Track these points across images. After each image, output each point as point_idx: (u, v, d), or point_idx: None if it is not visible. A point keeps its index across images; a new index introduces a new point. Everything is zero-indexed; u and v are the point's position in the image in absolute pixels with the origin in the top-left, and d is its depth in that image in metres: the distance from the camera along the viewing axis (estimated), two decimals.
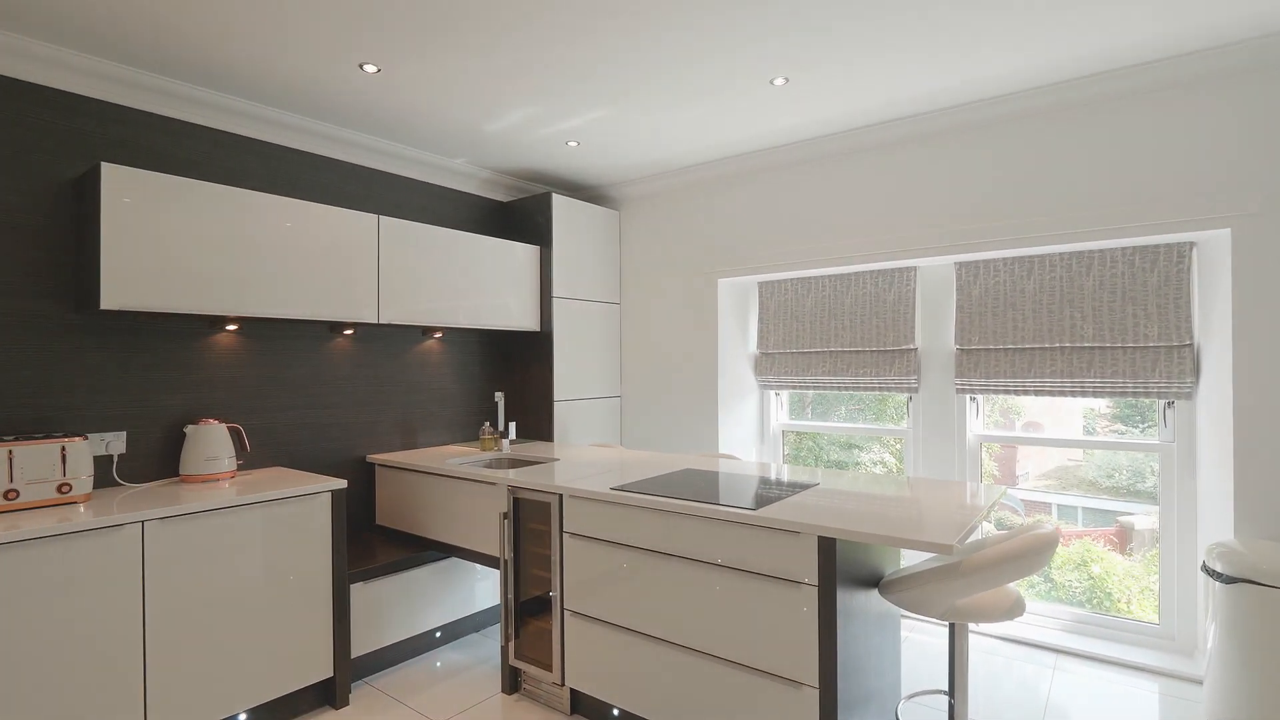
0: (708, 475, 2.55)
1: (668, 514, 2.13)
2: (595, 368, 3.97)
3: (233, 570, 2.25)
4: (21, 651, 1.83)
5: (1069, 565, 3.23)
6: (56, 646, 1.88)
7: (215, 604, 2.21)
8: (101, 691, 1.96)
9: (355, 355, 3.24)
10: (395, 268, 3.05)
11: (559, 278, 3.74)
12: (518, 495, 2.57)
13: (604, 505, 2.29)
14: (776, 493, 2.22)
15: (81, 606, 1.93)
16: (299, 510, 2.43)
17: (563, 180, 3.99)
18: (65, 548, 1.90)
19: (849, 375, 3.51)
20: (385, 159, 3.34)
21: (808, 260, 3.39)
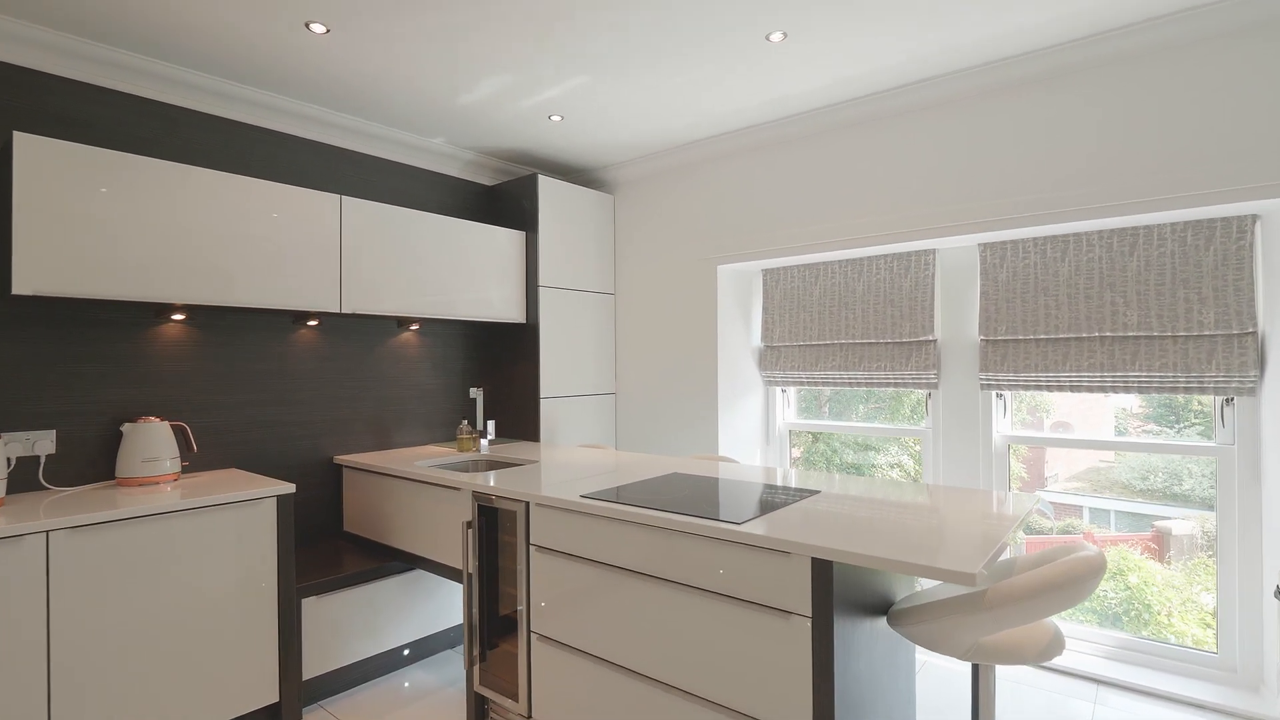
0: (697, 481, 2.26)
1: (640, 526, 1.84)
2: (587, 362, 3.70)
3: (159, 586, 2.01)
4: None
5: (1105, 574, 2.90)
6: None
7: (137, 625, 1.97)
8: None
9: (322, 348, 3.00)
10: (361, 253, 2.80)
11: (546, 266, 3.47)
12: (484, 502, 2.30)
13: (572, 515, 2.01)
14: (771, 503, 1.92)
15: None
16: (240, 518, 2.19)
17: (552, 162, 3.72)
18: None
19: (861, 370, 3.19)
20: (359, 138, 3.10)
21: (815, 243, 3.08)
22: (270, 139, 2.85)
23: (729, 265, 3.39)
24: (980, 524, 1.67)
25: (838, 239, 3.00)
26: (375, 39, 2.32)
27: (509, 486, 2.21)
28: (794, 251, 3.13)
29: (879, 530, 1.61)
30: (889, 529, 1.62)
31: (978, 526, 1.65)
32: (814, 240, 3.08)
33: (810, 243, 3.09)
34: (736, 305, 3.53)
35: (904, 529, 1.62)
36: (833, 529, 1.62)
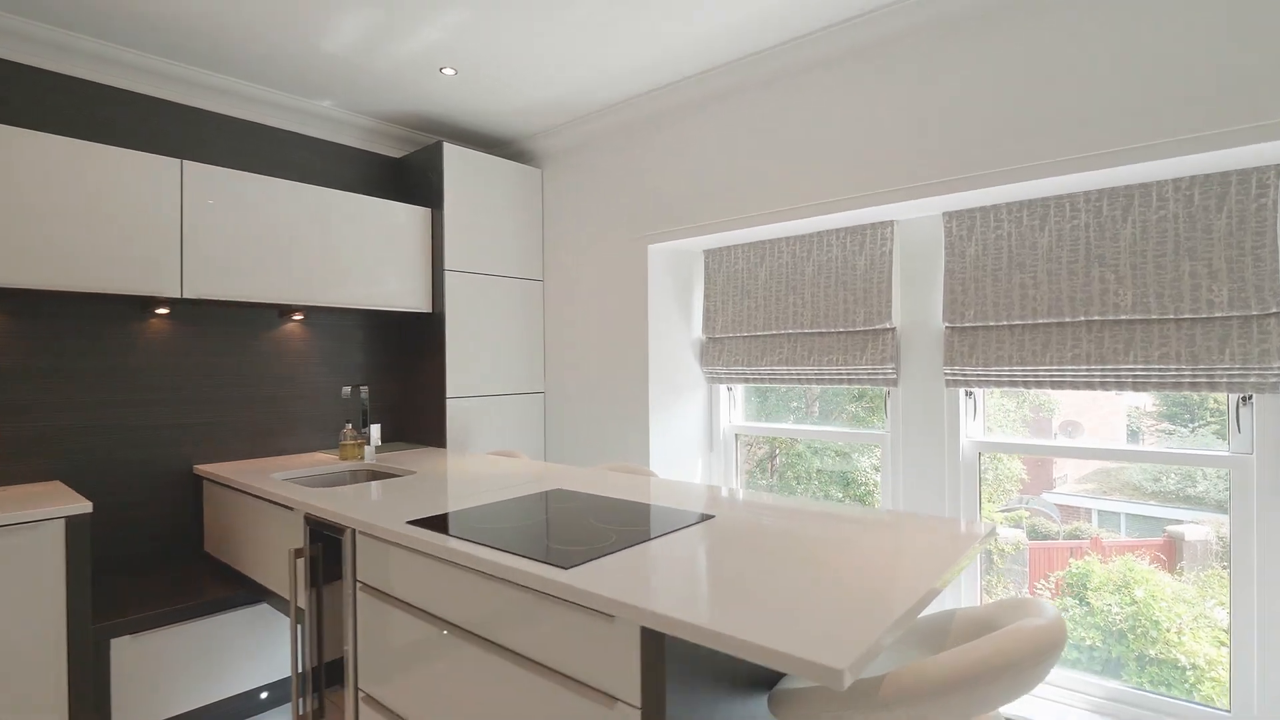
0: (572, 502, 1.82)
1: (459, 569, 1.41)
2: (509, 358, 3.27)
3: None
4: None
5: (1109, 586, 2.44)
6: None
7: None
8: None
9: (180, 341, 2.60)
10: (209, 229, 2.39)
11: (455, 247, 3.04)
12: (318, 526, 1.88)
13: (393, 548, 1.59)
14: (635, 535, 1.48)
15: None
16: (13, 546, 1.78)
17: (469, 131, 3.29)
18: None
19: (811, 364, 2.73)
20: (231, 101, 2.69)
21: (756, 215, 2.62)
22: (109, 97, 2.44)
23: (662, 245, 2.94)
24: (898, 574, 1.22)
25: (781, 208, 2.54)
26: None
27: (339, 508, 1.78)
28: (732, 225, 2.68)
29: (748, 585, 1.16)
30: (763, 583, 1.18)
31: (892, 579, 1.20)
32: (755, 211, 2.62)
33: (751, 214, 2.63)
34: (674, 292, 3.08)
35: (783, 584, 1.18)
36: (685, 581, 1.18)
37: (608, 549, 1.37)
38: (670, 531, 1.51)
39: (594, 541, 1.42)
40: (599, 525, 1.56)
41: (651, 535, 1.47)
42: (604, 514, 1.67)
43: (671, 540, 1.44)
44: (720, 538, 1.46)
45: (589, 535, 1.47)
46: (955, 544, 1.40)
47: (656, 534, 1.48)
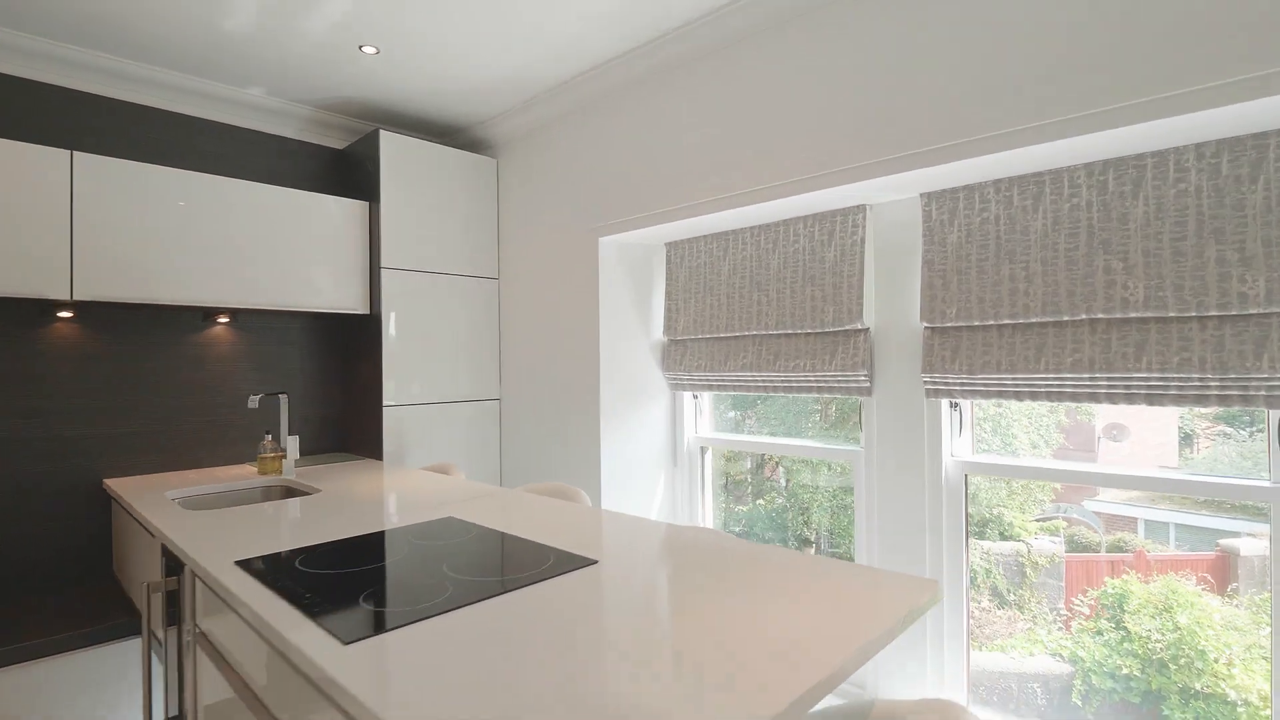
0: (453, 535, 1.56)
1: (245, 624, 1.15)
2: (459, 362, 3.02)
3: None
4: None
5: (1149, 609, 2.07)
6: None
7: None
8: None
9: (90, 346, 2.43)
10: (107, 226, 2.20)
11: (393, 243, 2.81)
12: (172, 558, 1.65)
13: (213, 594, 1.34)
14: (481, 586, 1.20)
15: None
16: None
17: (417, 119, 3.06)
18: None
19: (777, 369, 2.40)
20: (145, 89, 2.51)
21: (714, 200, 2.30)
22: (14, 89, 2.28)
23: (615, 237, 2.65)
24: (792, 658, 0.91)
25: (738, 191, 2.22)
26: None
27: (184, 537, 1.55)
28: (686, 213, 2.37)
29: (560, 682, 0.87)
30: (586, 681, 0.88)
31: (783, 668, 0.89)
32: (711, 196, 2.30)
33: (707, 200, 2.31)
34: (632, 290, 2.78)
35: (618, 686, 0.88)
36: (467, 677, 0.89)
37: (426, 611, 1.09)
38: (525, 585, 1.22)
39: (423, 598, 1.15)
40: (449, 573, 1.28)
41: (500, 590, 1.19)
42: (470, 556, 1.40)
43: (513, 602, 1.15)
44: (576, 599, 1.17)
45: (427, 588, 1.20)
46: (883, 611, 1.07)
47: (508, 589, 1.20)
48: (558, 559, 1.36)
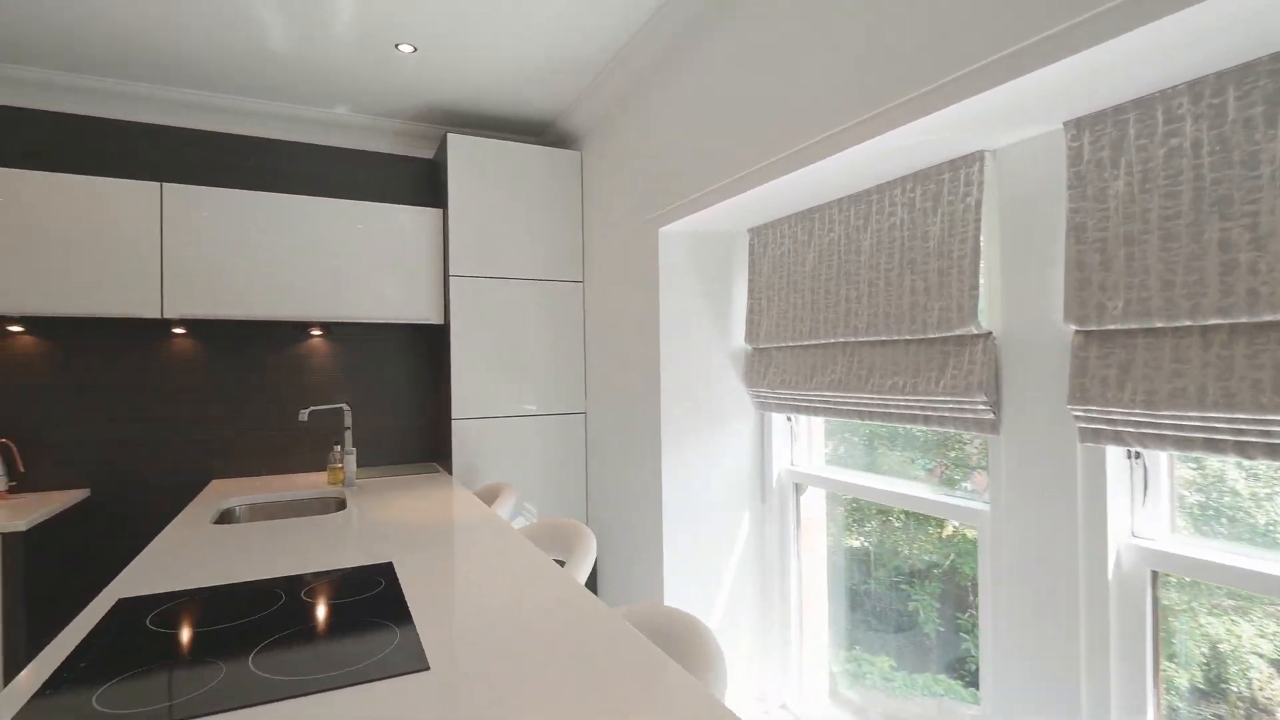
0: (350, 595, 1.30)
1: None
2: (541, 373, 2.81)
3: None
4: None
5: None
6: None
7: None
8: None
9: (200, 358, 2.66)
10: (192, 249, 2.37)
11: (461, 250, 2.68)
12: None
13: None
14: (268, 687, 0.91)
15: None
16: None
17: (498, 118, 2.91)
18: None
19: (869, 389, 1.77)
20: (250, 120, 2.71)
21: (797, 152, 1.72)
22: (90, 129, 2.59)
23: (680, 225, 2.20)
24: None
25: (823, 135, 1.64)
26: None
27: (154, 568, 1.51)
28: (758, 179, 1.82)
29: None
30: None
31: None
32: (790, 147, 1.73)
33: (785, 152, 1.74)
34: (704, 289, 2.31)
35: None
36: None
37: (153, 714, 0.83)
38: (313, 692, 0.90)
39: (182, 689, 0.90)
40: (255, 656, 1.02)
41: (277, 696, 0.89)
42: (316, 630, 1.12)
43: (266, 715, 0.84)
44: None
45: (195, 678, 0.94)
46: None
47: (287, 694, 0.89)
48: (391, 655, 1.02)
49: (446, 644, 1.06)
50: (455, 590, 1.31)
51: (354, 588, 1.33)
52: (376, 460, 2.95)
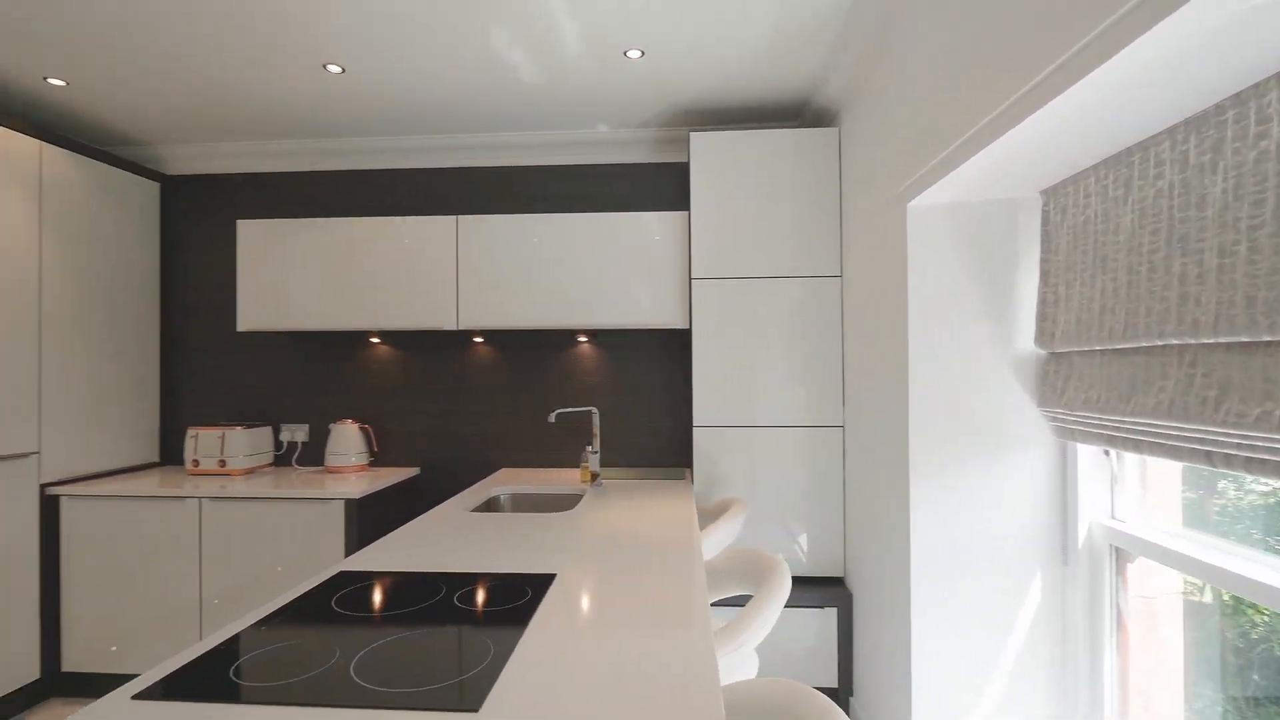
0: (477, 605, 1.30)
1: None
2: (791, 379, 2.54)
3: (247, 544, 2.52)
4: (128, 564, 2.56)
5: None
6: (140, 572, 2.56)
7: (241, 567, 2.53)
8: (164, 588, 2.54)
9: (494, 363, 3.09)
10: (478, 268, 2.76)
11: (703, 251, 2.57)
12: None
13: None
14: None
15: (163, 544, 2.56)
16: (316, 512, 2.51)
17: (751, 108, 2.72)
18: (166, 505, 2.56)
19: (1223, 418, 1.11)
20: (519, 153, 3.06)
21: (1083, 59, 1.19)
22: (471, 176, 3.13)
23: (931, 197, 1.73)
24: None
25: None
26: (384, 73, 2.26)
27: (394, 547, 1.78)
28: (1035, 101, 1.28)
29: None
30: None
31: None
32: (1083, 34, 1.21)
33: (1071, 50, 1.22)
34: (973, 275, 1.77)
35: None
36: None
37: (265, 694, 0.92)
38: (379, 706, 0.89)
39: (288, 673, 0.98)
40: (343, 674, 1.06)
41: (334, 702, 0.91)
42: (440, 642, 1.12)
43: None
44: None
45: (309, 663, 1.02)
46: None
47: (353, 703, 0.91)
48: (453, 689, 0.95)
49: (520, 687, 0.95)
50: (577, 621, 1.20)
51: (503, 595, 1.33)
52: (632, 461, 3.04)
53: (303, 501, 2.52)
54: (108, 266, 2.88)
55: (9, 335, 2.44)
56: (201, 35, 2.14)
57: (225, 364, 3.19)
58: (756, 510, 2.56)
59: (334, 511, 2.51)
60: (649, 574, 1.47)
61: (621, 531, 1.85)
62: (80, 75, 2.42)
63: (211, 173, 3.20)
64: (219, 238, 3.20)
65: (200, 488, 2.57)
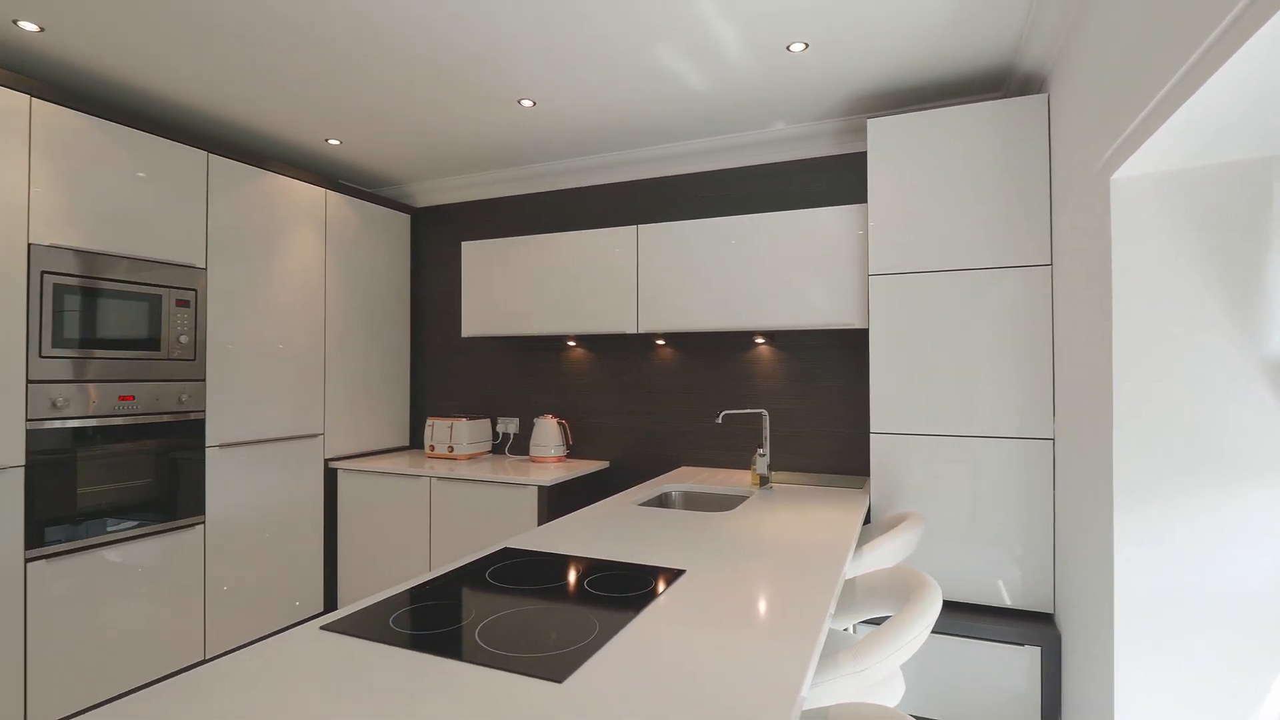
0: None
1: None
2: (989, 384, 2.26)
3: (462, 518, 2.94)
4: (391, 530, 3.16)
5: None
6: (394, 533, 3.13)
7: (458, 535, 2.97)
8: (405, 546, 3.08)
9: (675, 364, 3.20)
10: (655, 274, 2.89)
11: (882, 244, 2.39)
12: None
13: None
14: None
15: (406, 513, 3.11)
16: (516, 495, 2.85)
17: (940, 84, 2.46)
18: (408, 481, 3.12)
19: None
20: (714, 156, 3.12)
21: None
22: (698, 181, 3.30)
23: (1142, 164, 1.42)
24: None
25: None
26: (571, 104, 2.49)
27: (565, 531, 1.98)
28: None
29: None
30: None
31: None
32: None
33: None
34: (1204, 258, 1.41)
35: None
36: None
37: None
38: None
39: (426, 624, 1.17)
40: (469, 637, 1.21)
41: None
42: (562, 616, 1.24)
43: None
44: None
45: (447, 616, 1.20)
46: None
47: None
48: (549, 659, 1.03)
49: (606, 669, 1.02)
50: (685, 617, 1.23)
51: (628, 584, 1.41)
52: (808, 466, 2.93)
53: (506, 485, 2.88)
54: (372, 285, 3.58)
55: (306, 342, 3.17)
56: (429, 98, 2.57)
57: (455, 364, 3.75)
58: (940, 528, 2.31)
59: (530, 496, 2.83)
60: (779, 581, 1.44)
61: (769, 536, 1.82)
62: (350, 136, 3.04)
63: (444, 203, 3.79)
64: (450, 258, 3.77)
65: (433, 469, 3.07)
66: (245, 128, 2.93)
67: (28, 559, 2.16)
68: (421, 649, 1.08)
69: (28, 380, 2.16)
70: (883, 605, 1.54)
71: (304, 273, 3.16)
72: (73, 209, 2.29)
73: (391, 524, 3.13)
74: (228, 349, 2.81)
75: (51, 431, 2.22)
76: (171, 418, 2.59)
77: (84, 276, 2.32)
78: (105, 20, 2.06)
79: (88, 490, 2.32)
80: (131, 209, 2.47)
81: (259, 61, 2.32)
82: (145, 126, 2.50)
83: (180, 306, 2.62)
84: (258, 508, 2.94)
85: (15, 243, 2.14)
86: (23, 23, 2.07)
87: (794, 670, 1.01)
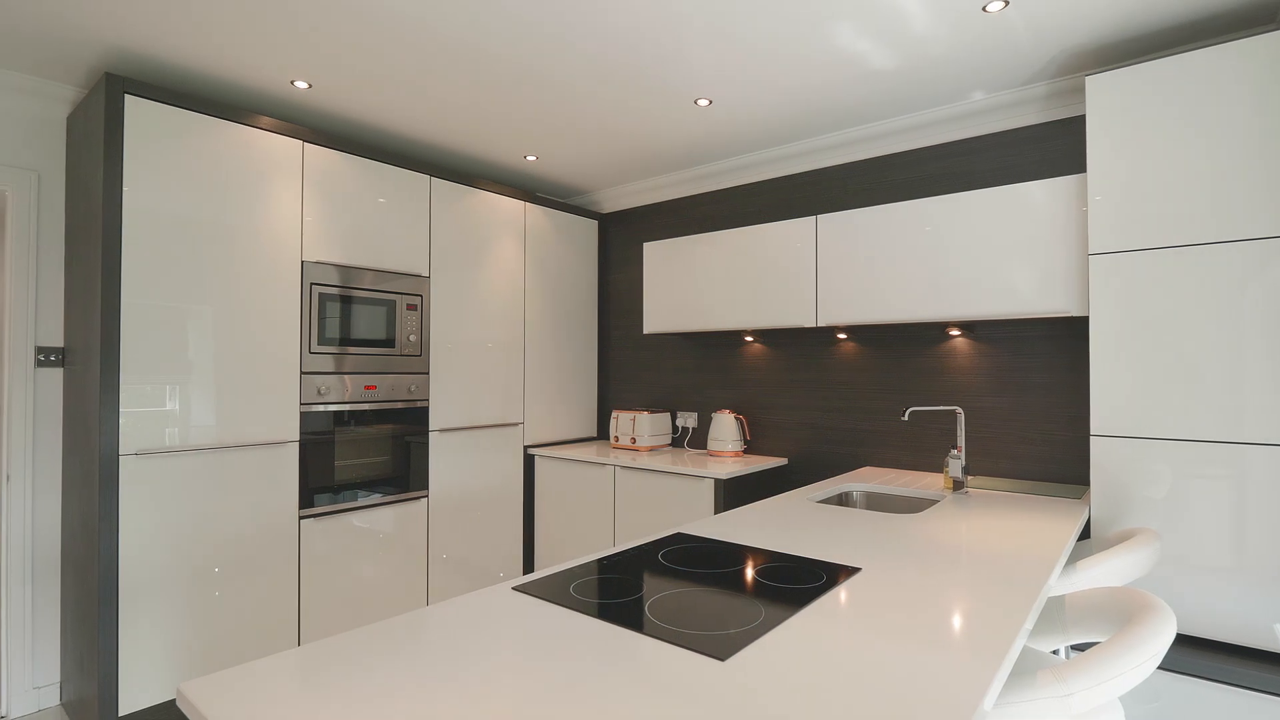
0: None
1: None
2: (1250, 377, 1.86)
3: (643, 506, 3.07)
4: (579, 506, 3.42)
5: None
6: (580, 510, 3.37)
7: (639, 520, 3.10)
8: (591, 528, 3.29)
9: (857, 359, 3.04)
10: (834, 265, 2.77)
11: (1104, 218, 2.06)
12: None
13: None
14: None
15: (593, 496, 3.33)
16: (693, 487, 2.92)
17: (1180, 25, 2.06)
18: (594, 468, 3.35)
19: None
20: (909, 136, 2.93)
21: None
22: (899, 161, 3.19)
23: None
24: None
25: None
26: (748, 104, 2.50)
27: (726, 523, 2.01)
28: None
29: None
30: None
31: None
32: None
33: None
34: None
35: None
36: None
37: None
38: None
39: (602, 594, 1.26)
40: (640, 611, 1.27)
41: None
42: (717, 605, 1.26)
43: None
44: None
45: (621, 588, 1.27)
46: None
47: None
48: (719, 638, 1.05)
49: (768, 655, 1.02)
50: (855, 615, 1.18)
51: (799, 577, 1.38)
52: (1014, 472, 2.62)
53: (684, 477, 2.96)
54: (565, 287, 3.87)
55: (508, 340, 3.53)
56: (611, 100, 2.73)
57: (639, 360, 3.93)
58: (1188, 554, 1.94)
59: (706, 488, 2.88)
60: (967, 588, 1.32)
61: (960, 543, 1.67)
62: (544, 150, 3.33)
63: (628, 207, 3.99)
64: (632, 258, 3.96)
65: (617, 458, 3.25)
66: (458, 152, 3.34)
67: (301, 517, 2.67)
68: (591, 614, 1.17)
69: (301, 372, 2.68)
70: (1097, 628, 1.35)
71: (506, 278, 3.52)
72: (332, 230, 2.79)
73: (580, 507, 3.37)
74: (446, 347, 3.23)
75: (318, 414, 2.73)
76: (403, 405, 3.04)
77: (340, 286, 2.81)
78: (357, 75, 2.48)
79: (343, 464, 2.81)
80: (374, 227, 2.94)
81: (470, 94, 2.63)
82: (383, 158, 2.96)
83: (410, 310, 3.07)
84: (469, 486, 3.34)
85: (293, 260, 2.66)
86: (298, 82, 2.56)
87: (974, 683, 0.93)
